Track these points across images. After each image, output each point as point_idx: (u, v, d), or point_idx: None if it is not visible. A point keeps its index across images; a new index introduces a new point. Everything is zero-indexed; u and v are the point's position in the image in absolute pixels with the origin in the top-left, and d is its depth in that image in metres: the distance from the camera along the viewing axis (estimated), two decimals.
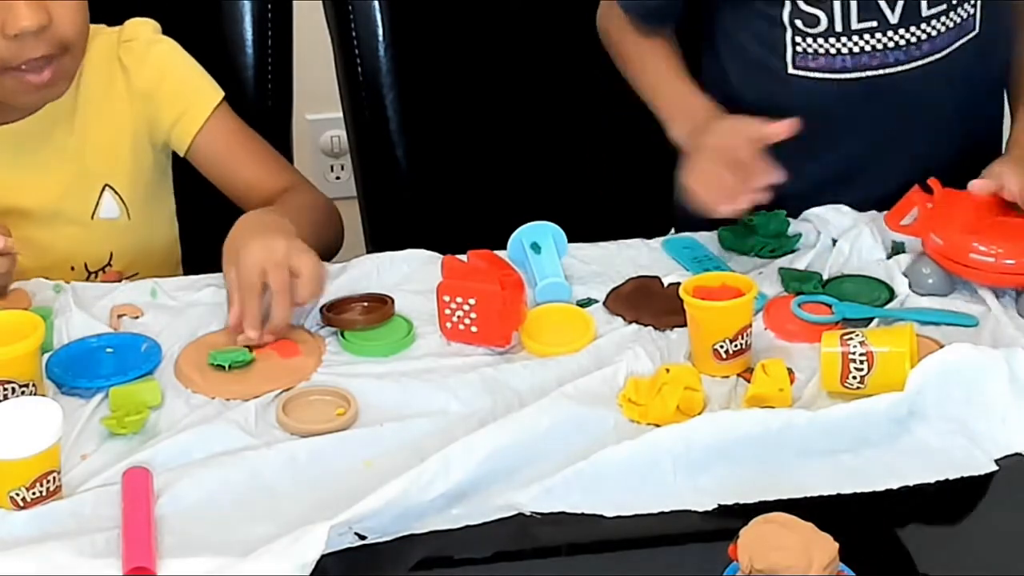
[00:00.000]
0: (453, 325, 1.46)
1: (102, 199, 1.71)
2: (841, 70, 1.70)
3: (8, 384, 1.33)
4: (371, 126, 1.97)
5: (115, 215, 1.72)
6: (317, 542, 1.15)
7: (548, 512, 1.23)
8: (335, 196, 1.79)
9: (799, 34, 1.69)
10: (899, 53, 1.69)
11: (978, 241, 1.49)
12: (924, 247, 1.54)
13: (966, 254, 1.49)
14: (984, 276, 1.49)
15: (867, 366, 1.33)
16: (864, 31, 1.67)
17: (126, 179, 1.72)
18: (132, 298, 1.55)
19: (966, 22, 1.70)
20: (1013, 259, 1.48)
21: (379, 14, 1.92)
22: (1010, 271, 1.48)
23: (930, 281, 1.52)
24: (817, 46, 1.69)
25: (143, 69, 1.71)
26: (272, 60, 1.91)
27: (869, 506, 1.24)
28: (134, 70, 1.71)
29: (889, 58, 1.69)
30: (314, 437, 1.32)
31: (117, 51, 1.71)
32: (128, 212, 1.72)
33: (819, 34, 1.68)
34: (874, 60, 1.69)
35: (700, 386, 1.36)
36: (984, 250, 1.49)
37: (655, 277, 1.57)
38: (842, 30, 1.67)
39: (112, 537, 1.19)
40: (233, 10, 1.89)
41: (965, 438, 1.30)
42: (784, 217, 1.65)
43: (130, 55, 1.71)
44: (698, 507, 1.24)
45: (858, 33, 1.67)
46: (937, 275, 1.52)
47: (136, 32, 1.73)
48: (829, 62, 1.70)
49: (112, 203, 1.72)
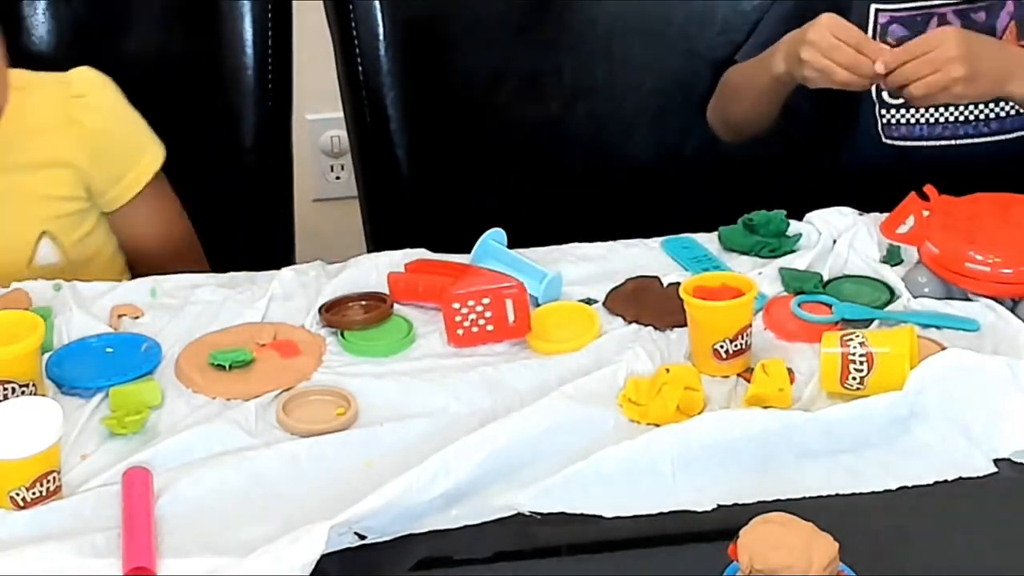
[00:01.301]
0: (465, 330, 1.46)
1: (38, 246, 1.69)
2: (919, 138, 1.82)
3: (8, 384, 1.33)
4: (371, 126, 1.97)
5: (54, 260, 1.70)
6: (317, 542, 1.15)
7: (547, 512, 1.23)
8: (335, 196, 1.79)
9: (884, 106, 1.83)
10: (968, 127, 1.81)
11: (974, 250, 1.48)
12: (920, 255, 1.54)
13: (962, 263, 1.48)
14: (981, 286, 1.48)
15: (867, 367, 1.33)
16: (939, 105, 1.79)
17: (64, 227, 1.70)
18: (132, 298, 1.55)
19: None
20: (1010, 268, 1.47)
21: (379, 14, 1.92)
22: (1007, 280, 1.47)
23: (926, 290, 1.51)
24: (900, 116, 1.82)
25: (94, 126, 1.69)
26: (272, 60, 1.91)
27: (869, 506, 1.24)
28: (87, 126, 1.69)
29: (959, 131, 1.81)
30: (314, 437, 1.32)
31: (67, 107, 1.68)
32: (65, 257, 1.71)
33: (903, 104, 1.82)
34: (946, 131, 1.82)
35: (700, 386, 1.36)
36: (980, 259, 1.48)
37: (655, 277, 1.57)
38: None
39: (112, 537, 1.19)
40: (233, 10, 1.89)
41: (964, 439, 1.30)
42: (784, 217, 1.65)
43: (83, 111, 1.69)
44: (697, 507, 1.24)
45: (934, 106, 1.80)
46: (933, 283, 1.51)
47: (86, 88, 1.70)
48: (909, 131, 1.83)
49: (49, 249, 1.70)
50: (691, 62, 1.97)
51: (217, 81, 1.80)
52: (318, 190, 2.77)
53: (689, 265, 1.60)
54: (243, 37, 1.90)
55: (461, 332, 1.46)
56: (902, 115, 1.84)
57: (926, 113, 1.83)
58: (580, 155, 2.01)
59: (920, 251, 1.54)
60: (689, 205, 1.85)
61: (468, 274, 1.50)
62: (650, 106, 1.98)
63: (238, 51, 1.90)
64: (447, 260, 1.58)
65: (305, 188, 2.40)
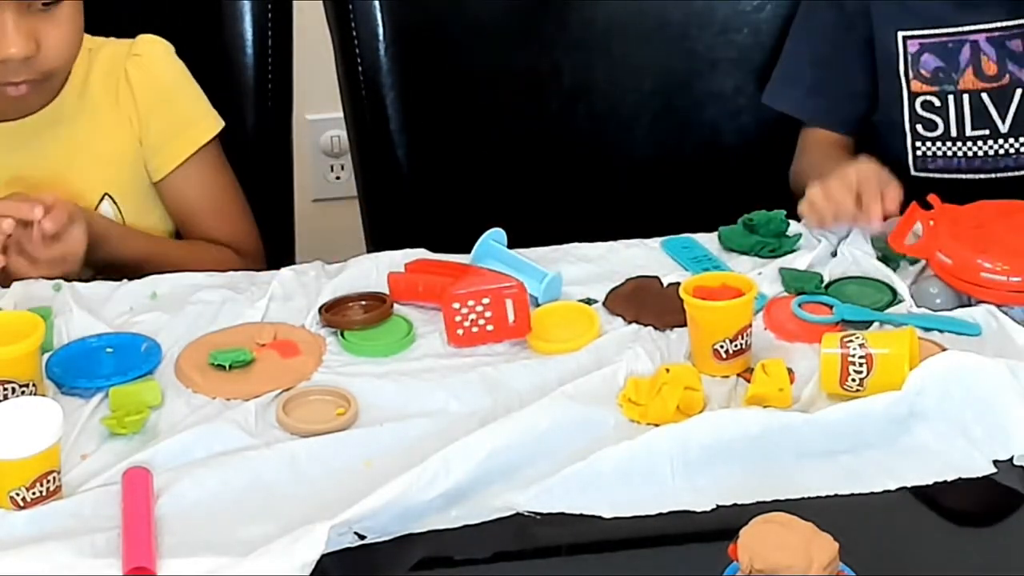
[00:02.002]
0: (465, 330, 1.45)
1: (100, 207, 1.71)
2: (956, 171, 1.80)
3: (8, 384, 1.33)
4: (371, 126, 1.97)
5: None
6: (317, 542, 1.15)
7: (546, 512, 1.23)
8: (335, 196, 1.79)
9: (919, 139, 1.80)
10: (1009, 160, 1.79)
11: (984, 259, 1.47)
12: (931, 266, 1.52)
13: (976, 273, 1.47)
14: (994, 295, 1.47)
15: (866, 369, 1.33)
16: (978, 138, 1.78)
17: (125, 188, 1.72)
18: (133, 298, 1.55)
19: None
20: (1020, 276, 1.46)
21: (379, 14, 1.92)
22: (1019, 288, 1.46)
23: (938, 301, 1.50)
24: (936, 148, 1.81)
25: (146, 85, 1.72)
26: (272, 60, 1.91)
27: (869, 506, 1.24)
28: (138, 84, 1.72)
29: (1000, 164, 1.79)
30: (314, 437, 1.32)
31: (125, 63, 1.72)
32: (124, 220, 1.73)
33: (937, 137, 1.80)
34: (987, 164, 1.79)
35: (700, 386, 1.36)
36: (990, 267, 1.47)
37: (654, 277, 1.57)
38: (957, 135, 1.78)
39: (112, 537, 1.19)
40: (233, 10, 1.89)
41: (964, 440, 1.30)
42: (784, 217, 1.65)
43: (137, 69, 1.72)
44: (696, 507, 1.24)
45: (972, 140, 1.79)
46: (945, 294, 1.50)
47: (146, 48, 1.74)
48: (947, 163, 1.81)
49: (110, 211, 1.72)
50: (691, 62, 1.97)
51: (217, 81, 1.80)
52: (318, 190, 2.77)
53: (689, 265, 1.60)
54: (243, 37, 1.90)
55: (461, 332, 1.46)
56: (938, 148, 1.82)
57: (963, 146, 1.81)
58: (580, 155, 2.01)
59: (930, 262, 1.53)
60: (689, 205, 1.85)
61: (468, 274, 1.50)
62: (650, 106, 1.98)
63: (238, 51, 1.90)
64: (447, 260, 1.58)
65: (305, 188, 2.40)
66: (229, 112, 1.82)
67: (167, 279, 1.59)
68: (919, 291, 1.52)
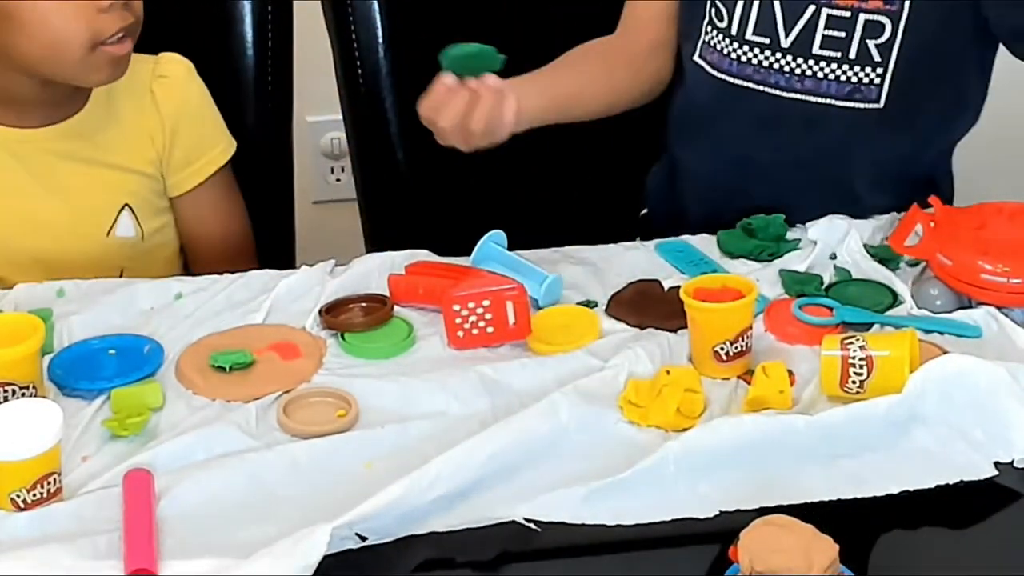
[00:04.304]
0: (466, 332, 1.45)
1: (120, 218, 1.73)
2: (727, 72, 1.73)
3: (8, 386, 1.33)
4: (371, 128, 1.97)
5: (131, 234, 1.74)
6: (319, 544, 1.15)
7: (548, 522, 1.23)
8: (335, 198, 1.80)
9: (710, 23, 1.74)
10: (780, 77, 1.70)
11: (985, 260, 1.47)
12: (931, 268, 1.52)
13: (977, 275, 1.47)
14: (995, 297, 1.47)
15: (867, 371, 1.33)
16: (755, 44, 1.70)
17: (144, 201, 1.75)
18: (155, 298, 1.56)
19: (865, 88, 1.68)
20: (1021, 278, 1.46)
21: (379, 15, 1.92)
22: (1019, 290, 1.46)
23: (938, 302, 1.50)
24: (716, 41, 1.73)
25: (173, 107, 1.75)
26: (272, 62, 1.91)
27: (869, 509, 1.24)
28: (164, 104, 1.74)
29: (770, 79, 1.71)
30: (315, 439, 1.32)
31: (150, 82, 1.74)
32: (143, 233, 1.75)
33: (722, 30, 1.72)
34: (756, 74, 1.72)
35: (700, 388, 1.36)
36: (990, 269, 1.47)
37: (655, 281, 1.57)
38: (737, 34, 1.71)
39: (113, 539, 1.19)
40: (233, 11, 1.89)
41: (965, 442, 1.30)
42: (783, 222, 1.65)
43: (163, 90, 1.75)
44: (699, 514, 1.23)
45: (749, 44, 1.70)
46: (945, 295, 1.50)
47: (171, 70, 1.76)
48: (719, 60, 1.74)
49: (129, 223, 1.74)
50: None
51: (217, 82, 1.80)
52: (318, 192, 2.77)
53: (686, 269, 1.60)
54: (243, 38, 1.90)
55: (461, 334, 1.46)
56: (718, 41, 1.73)
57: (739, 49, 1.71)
58: (580, 157, 2.01)
59: (931, 264, 1.52)
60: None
61: (468, 276, 1.50)
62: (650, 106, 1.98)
63: (238, 52, 1.90)
64: (447, 262, 1.58)
65: (305, 190, 2.40)
66: (229, 114, 1.82)
67: (194, 281, 1.59)
68: (919, 293, 1.52)
